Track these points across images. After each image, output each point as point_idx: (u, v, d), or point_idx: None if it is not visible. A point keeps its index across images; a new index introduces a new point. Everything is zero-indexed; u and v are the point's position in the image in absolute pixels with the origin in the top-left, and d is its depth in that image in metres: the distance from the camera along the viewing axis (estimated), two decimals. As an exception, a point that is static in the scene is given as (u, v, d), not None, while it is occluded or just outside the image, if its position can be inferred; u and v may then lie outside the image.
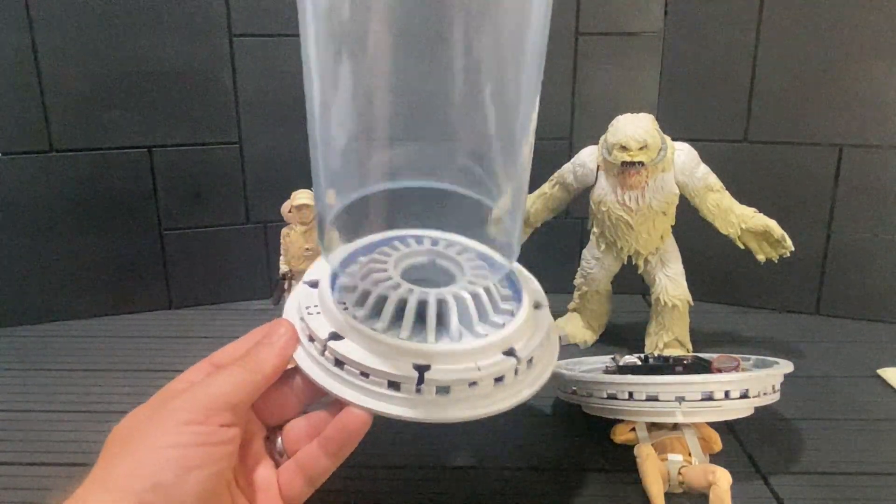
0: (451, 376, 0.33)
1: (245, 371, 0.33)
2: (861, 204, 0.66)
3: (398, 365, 0.33)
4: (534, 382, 0.36)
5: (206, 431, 0.31)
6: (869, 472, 0.45)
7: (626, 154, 0.54)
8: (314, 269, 0.40)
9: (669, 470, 0.42)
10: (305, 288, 0.38)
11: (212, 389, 0.32)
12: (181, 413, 0.31)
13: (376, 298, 0.35)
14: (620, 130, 0.54)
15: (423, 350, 0.33)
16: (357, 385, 0.34)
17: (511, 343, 0.35)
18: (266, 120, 0.69)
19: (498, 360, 0.34)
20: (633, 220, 0.56)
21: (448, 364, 0.33)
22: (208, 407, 0.31)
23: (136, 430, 0.30)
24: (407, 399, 0.33)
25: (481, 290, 0.37)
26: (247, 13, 0.66)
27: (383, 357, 0.33)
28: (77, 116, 0.64)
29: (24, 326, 0.67)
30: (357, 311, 0.36)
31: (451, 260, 0.39)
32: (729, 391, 0.41)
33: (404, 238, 0.41)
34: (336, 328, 0.35)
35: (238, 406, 0.32)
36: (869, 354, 0.61)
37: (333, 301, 0.36)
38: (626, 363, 0.52)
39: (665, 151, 0.55)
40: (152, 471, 0.29)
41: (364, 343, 0.34)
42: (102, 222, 0.67)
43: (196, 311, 0.71)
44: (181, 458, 0.29)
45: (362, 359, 0.33)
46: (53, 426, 0.51)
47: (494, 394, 0.34)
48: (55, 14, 0.61)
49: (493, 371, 0.34)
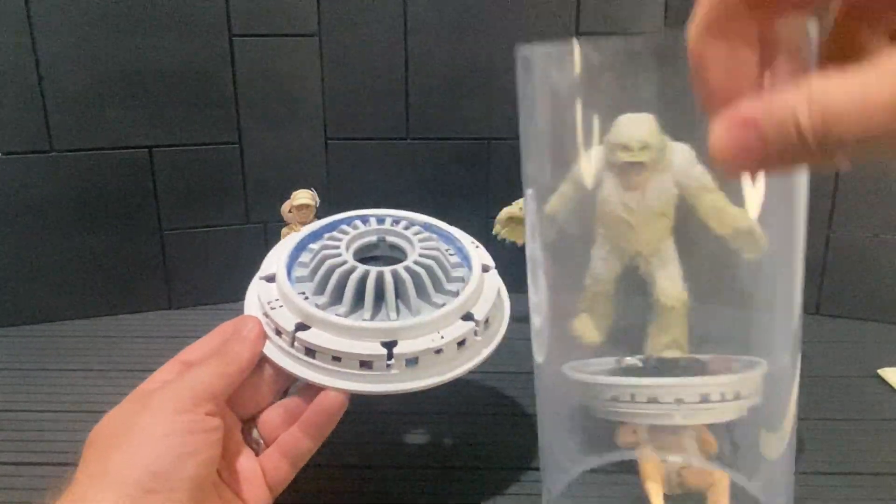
0: (418, 347, 0.35)
1: (221, 363, 0.35)
2: (861, 204, 0.66)
3: (366, 345, 0.35)
4: (491, 340, 0.40)
5: (196, 419, 0.32)
6: (869, 472, 0.46)
7: (627, 154, 0.54)
8: (267, 264, 0.41)
9: (669, 471, 0.42)
10: (262, 283, 0.40)
11: (193, 382, 0.33)
12: (169, 403, 0.32)
13: (335, 284, 0.37)
14: (622, 130, 0.54)
15: (387, 328, 0.36)
16: (330, 370, 0.36)
17: (467, 308, 0.38)
18: (266, 120, 0.69)
19: (458, 326, 0.37)
20: (633, 221, 0.56)
21: (413, 337, 0.36)
22: (193, 397, 0.32)
23: (123, 425, 0.31)
24: (379, 376, 0.36)
25: (432, 261, 0.39)
26: (247, 13, 0.66)
27: (351, 339, 0.35)
28: (77, 116, 0.64)
29: (24, 326, 0.67)
30: (318, 298, 0.37)
31: (399, 235, 0.42)
32: (724, 392, 0.42)
33: (350, 220, 0.43)
34: (301, 318, 0.36)
35: (218, 396, 0.34)
36: (869, 354, 0.61)
37: (293, 292, 0.37)
38: (628, 365, 0.52)
39: (665, 152, 0.55)
40: (150, 459, 0.29)
41: (331, 329, 0.36)
42: (102, 222, 0.67)
43: (196, 311, 0.71)
44: (177, 445, 0.30)
45: (332, 344, 0.35)
46: (53, 426, 0.51)
47: (458, 357, 0.37)
48: (55, 14, 0.61)
49: (456, 336, 0.37)
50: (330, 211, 0.71)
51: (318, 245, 0.41)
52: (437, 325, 0.37)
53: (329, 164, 0.71)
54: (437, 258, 0.39)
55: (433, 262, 0.39)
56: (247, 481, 0.35)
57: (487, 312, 0.39)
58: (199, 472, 0.30)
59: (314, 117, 0.70)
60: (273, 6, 0.66)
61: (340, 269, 0.38)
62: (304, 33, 0.67)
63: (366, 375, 0.35)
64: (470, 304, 0.38)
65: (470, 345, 0.38)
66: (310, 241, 0.42)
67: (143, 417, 0.31)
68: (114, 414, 0.33)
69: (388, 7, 0.67)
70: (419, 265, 0.39)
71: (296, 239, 0.42)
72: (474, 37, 0.67)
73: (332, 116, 0.70)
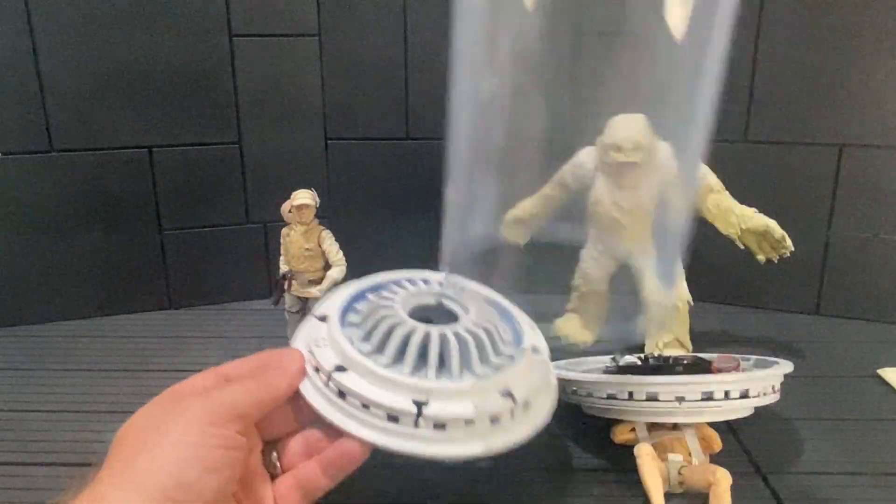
0: (449, 412, 0.34)
1: (259, 389, 0.35)
2: (861, 204, 0.66)
3: (398, 399, 0.34)
4: (530, 425, 0.37)
5: (227, 435, 0.31)
6: (869, 472, 0.45)
7: (620, 154, 0.54)
8: (324, 304, 0.41)
9: (669, 470, 0.42)
10: (314, 321, 0.39)
11: (229, 398, 0.33)
12: (203, 414, 0.31)
13: (382, 334, 0.37)
14: (615, 131, 0.54)
15: (422, 386, 0.35)
16: (357, 417, 0.35)
17: (508, 385, 0.36)
18: (266, 120, 0.69)
19: (494, 400, 0.35)
20: (624, 220, 0.57)
21: (446, 401, 0.34)
22: (227, 412, 0.32)
23: (154, 427, 0.31)
24: (405, 433, 0.34)
25: (482, 331, 0.38)
26: (247, 13, 0.66)
27: (384, 390, 0.35)
28: (77, 116, 0.64)
29: (24, 326, 0.67)
30: (363, 345, 0.37)
31: (457, 302, 0.41)
32: (729, 391, 0.41)
33: (413, 280, 0.42)
34: (342, 361, 0.36)
35: (248, 418, 0.34)
36: (869, 354, 0.61)
37: (342, 335, 0.37)
38: (626, 363, 0.52)
39: (654, 151, 0.55)
40: (178, 468, 0.29)
41: (367, 376, 0.35)
42: (102, 222, 0.67)
43: (196, 311, 0.71)
44: (205, 458, 0.30)
45: (363, 390, 0.34)
46: (53, 426, 0.51)
47: (490, 433, 0.35)
48: (55, 14, 0.61)
49: (489, 410, 0.35)
50: (330, 211, 0.72)
51: (376, 296, 0.41)
52: (473, 394, 0.35)
53: (329, 164, 0.71)
54: (488, 329, 0.38)
55: (483, 332, 0.38)
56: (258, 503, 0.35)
57: (528, 394, 0.37)
58: (221, 486, 0.30)
59: (314, 117, 0.70)
60: (273, 6, 0.66)
61: (389, 320, 0.37)
62: (304, 33, 0.67)
63: (391, 430, 0.34)
64: (511, 382, 0.37)
65: (504, 423, 0.36)
66: (370, 291, 0.41)
67: (177, 422, 0.31)
68: (144, 413, 0.32)
69: (388, 7, 0.67)
70: (468, 332, 0.37)
71: (357, 286, 0.41)
72: (474, 37, 0.67)
73: (332, 116, 0.70)
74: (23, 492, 0.44)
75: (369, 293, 0.41)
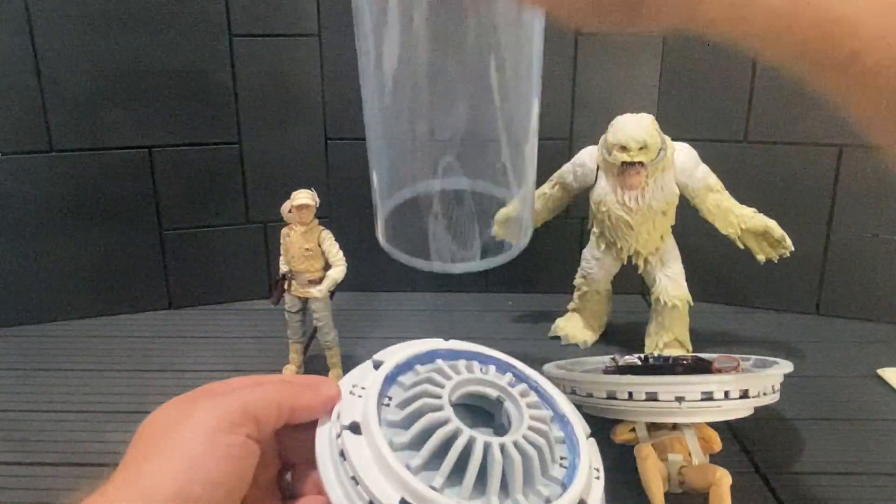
0: None
1: (280, 393, 0.33)
2: (861, 204, 0.66)
3: (383, 495, 0.30)
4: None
5: (235, 442, 0.30)
6: (869, 472, 0.45)
7: (625, 154, 0.54)
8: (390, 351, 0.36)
9: (669, 470, 0.42)
10: (369, 365, 0.35)
11: (243, 398, 0.32)
12: (211, 419, 0.30)
13: (435, 446, 0.32)
14: (620, 131, 0.54)
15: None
16: (345, 487, 0.31)
17: (581, 496, 0.32)
18: (266, 120, 0.69)
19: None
20: (632, 220, 0.56)
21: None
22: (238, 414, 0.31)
23: (166, 430, 0.30)
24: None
25: (542, 438, 0.33)
26: (247, 13, 0.66)
27: (378, 476, 0.30)
28: (77, 116, 0.64)
29: (24, 326, 0.67)
30: (412, 457, 0.32)
31: (511, 398, 0.35)
32: (728, 391, 0.41)
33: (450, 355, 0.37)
34: (362, 419, 0.32)
35: (263, 422, 0.32)
36: (869, 354, 0.61)
37: (374, 395, 0.32)
38: (626, 363, 0.52)
39: (665, 151, 0.55)
40: (183, 481, 0.28)
41: (377, 455, 0.31)
42: (102, 222, 0.67)
43: (196, 311, 0.71)
44: (212, 471, 0.29)
45: (359, 464, 0.30)
46: (53, 426, 0.51)
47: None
48: (55, 14, 0.61)
49: None
50: (330, 211, 0.71)
51: (409, 380, 0.35)
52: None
53: (329, 164, 0.71)
54: (546, 434, 0.33)
55: (543, 438, 0.33)
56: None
57: (599, 494, 0.32)
58: (228, 498, 0.29)
59: (314, 117, 0.70)
60: (273, 6, 0.66)
61: (443, 429, 0.32)
62: (304, 33, 0.67)
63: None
64: (584, 493, 0.32)
65: None
66: (400, 373, 0.36)
67: (185, 428, 0.30)
68: (163, 411, 0.32)
69: (388, 7, 0.67)
70: (529, 441, 0.32)
71: (433, 346, 0.36)
72: (474, 37, 0.67)
73: (332, 116, 0.70)
74: (23, 492, 0.44)
75: (401, 374, 0.36)
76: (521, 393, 0.35)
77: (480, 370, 0.36)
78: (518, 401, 0.35)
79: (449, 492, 0.30)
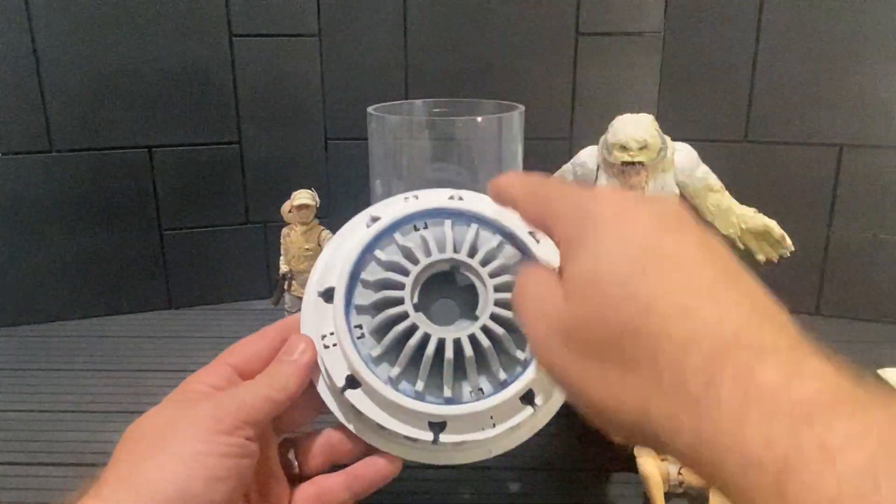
0: (467, 437, 0.34)
1: (271, 389, 0.33)
2: (861, 204, 0.66)
3: (412, 429, 0.34)
4: (549, 413, 0.37)
5: (234, 443, 0.30)
6: (869, 472, 0.45)
7: (626, 154, 0.54)
8: (325, 268, 0.37)
9: (669, 470, 0.42)
10: (319, 302, 0.36)
11: (239, 401, 0.32)
12: (211, 421, 0.30)
13: (392, 339, 0.34)
14: (620, 130, 0.54)
15: (435, 412, 0.33)
16: (375, 433, 0.35)
17: (530, 386, 0.34)
18: (266, 120, 0.69)
19: (514, 411, 0.34)
20: (632, 221, 0.56)
21: (461, 426, 0.34)
22: (235, 418, 0.31)
23: (160, 431, 0.30)
24: (424, 451, 0.35)
25: (503, 329, 0.34)
26: (247, 13, 0.66)
27: (397, 419, 0.34)
28: (77, 116, 0.64)
29: (24, 326, 0.67)
30: (373, 346, 0.35)
31: (473, 272, 0.36)
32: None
33: (424, 215, 0.38)
34: (351, 371, 0.34)
35: (259, 423, 0.32)
36: (869, 354, 0.61)
37: (348, 335, 0.34)
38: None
39: (665, 151, 0.55)
40: (184, 478, 0.28)
41: (378, 400, 0.34)
42: (102, 222, 0.67)
43: (196, 311, 0.71)
44: (212, 467, 0.29)
45: (377, 416, 0.34)
46: (53, 426, 0.51)
47: (513, 437, 0.36)
48: (55, 14, 0.61)
49: (510, 425, 0.34)
50: (330, 211, 0.71)
51: (385, 256, 0.36)
52: (493, 412, 0.34)
53: (329, 164, 0.71)
54: (509, 322, 0.35)
55: (503, 329, 0.35)
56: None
57: (550, 391, 0.35)
58: (229, 496, 0.29)
59: (314, 117, 0.70)
60: (273, 6, 0.66)
61: (401, 326, 0.34)
62: (304, 33, 0.67)
63: (410, 448, 0.35)
64: (534, 383, 0.34)
65: (524, 425, 0.35)
66: (376, 245, 0.37)
67: (184, 429, 0.30)
68: (155, 413, 0.32)
69: (388, 7, 0.67)
70: (486, 332, 0.34)
71: (362, 242, 0.36)
72: (474, 37, 0.67)
73: (332, 116, 0.70)
74: (23, 492, 0.44)
75: (376, 247, 0.37)
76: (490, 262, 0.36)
77: (453, 230, 0.37)
78: (486, 282, 0.35)
79: (407, 382, 0.34)
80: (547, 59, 0.68)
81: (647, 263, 0.23)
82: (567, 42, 0.68)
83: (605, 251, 0.24)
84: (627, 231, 0.25)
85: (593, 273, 0.24)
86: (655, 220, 0.25)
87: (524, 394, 0.34)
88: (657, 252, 0.24)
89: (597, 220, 0.25)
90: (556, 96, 0.69)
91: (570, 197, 0.28)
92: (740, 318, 0.22)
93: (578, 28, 0.68)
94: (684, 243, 0.24)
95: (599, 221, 0.25)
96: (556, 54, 0.68)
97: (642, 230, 0.24)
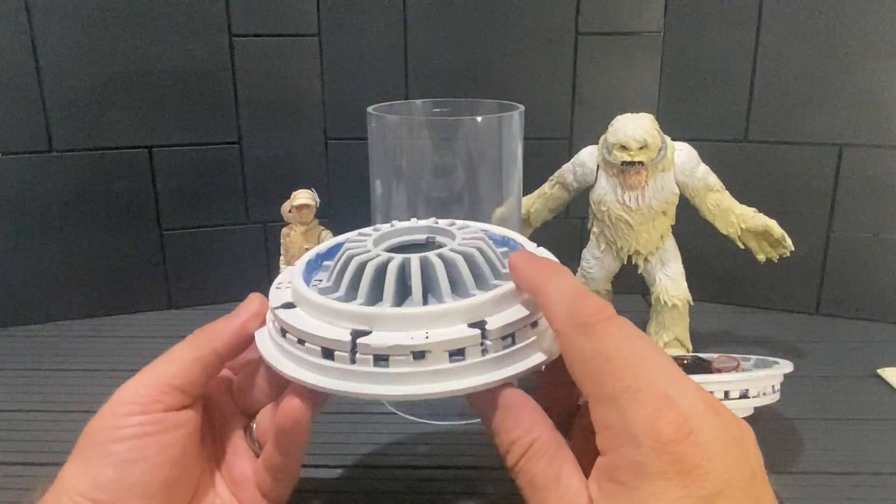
0: (390, 342, 0.27)
1: (193, 348, 0.32)
2: (861, 204, 0.66)
3: (334, 330, 0.28)
4: (511, 366, 0.28)
5: (147, 421, 0.30)
6: (869, 472, 0.45)
7: (625, 154, 0.54)
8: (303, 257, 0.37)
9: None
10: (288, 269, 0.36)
11: (157, 374, 0.31)
12: (121, 406, 0.30)
13: (352, 274, 0.31)
14: (620, 130, 0.54)
15: (364, 313, 0.28)
16: (294, 355, 0.29)
17: (482, 313, 0.29)
18: (266, 120, 0.69)
19: (456, 330, 0.28)
20: (632, 220, 0.56)
21: (391, 330, 0.28)
22: (151, 391, 0.30)
23: (84, 431, 0.31)
24: (341, 370, 0.28)
25: (476, 251, 0.31)
26: (247, 13, 0.66)
27: (321, 322, 0.29)
28: (77, 116, 0.64)
29: (24, 326, 0.67)
30: (328, 287, 0.32)
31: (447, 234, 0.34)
32: (728, 391, 0.41)
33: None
34: (292, 298, 0.31)
35: (186, 387, 0.31)
36: (869, 354, 0.61)
37: (299, 273, 0.33)
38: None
39: (665, 151, 0.55)
40: (94, 469, 0.29)
41: (309, 308, 0.30)
42: (102, 222, 0.67)
43: (196, 311, 0.71)
44: (120, 452, 0.29)
45: (300, 324, 0.29)
46: (53, 426, 0.51)
47: (450, 372, 0.27)
48: (55, 14, 0.61)
49: (447, 342, 0.27)
50: (330, 211, 0.71)
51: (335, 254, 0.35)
52: (429, 321, 0.28)
53: (329, 164, 0.71)
54: (481, 248, 0.31)
55: (476, 251, 0.31)
56: (240, 485, 0.33)
57: (511, 326, 0.28)
58: (155, 475, 0.29)
59: (314, 117, 0.70)
60: (273, 6, 0.66)
61: (360, 257, 0.31)
62: (304, 33, 0.67)
63: (325, 368, 0.28)
64: (488, 310, 0.29)
65: (472, 361, 0.28)
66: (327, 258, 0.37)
67: (96, 422, 0.30)
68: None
69: (388, 7, 0.67)
70: (457, 252, 0.31)
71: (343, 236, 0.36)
72: (474, 37, 0.67)
73: (332, 116, 0.70)
74: (23, 492, 0.44)
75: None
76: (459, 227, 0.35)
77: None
78: (455, 234, 0.34)
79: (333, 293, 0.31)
80: (547, 59, 0.68)
81: None
82: (567, 42, 0.68)
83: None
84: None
85: None
86: None
87: (474, 320, 0.28)
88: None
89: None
90: (556, 96, 0.69)
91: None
92: None
93: (578, 28, 0.68)
94: None
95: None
96: (556, 54, 0.68)
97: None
